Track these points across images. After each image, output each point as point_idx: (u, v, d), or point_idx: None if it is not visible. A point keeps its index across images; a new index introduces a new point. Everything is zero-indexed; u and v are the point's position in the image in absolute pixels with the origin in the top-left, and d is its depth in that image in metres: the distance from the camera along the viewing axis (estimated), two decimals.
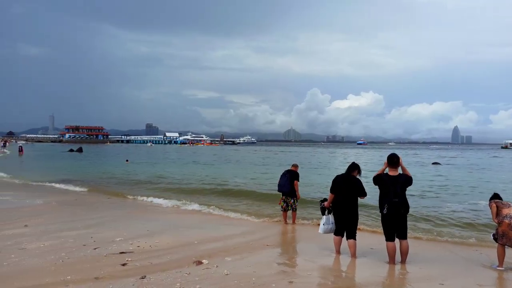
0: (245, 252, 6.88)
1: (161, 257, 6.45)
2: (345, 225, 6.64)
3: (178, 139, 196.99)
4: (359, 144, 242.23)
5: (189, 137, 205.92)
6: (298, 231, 9.24)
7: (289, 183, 9.58)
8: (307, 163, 38.31)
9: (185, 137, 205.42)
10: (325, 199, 7.03)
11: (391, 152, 6.42)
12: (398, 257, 6.32)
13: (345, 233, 6.70)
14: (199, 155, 61.15)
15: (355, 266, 6.34)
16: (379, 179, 6.21)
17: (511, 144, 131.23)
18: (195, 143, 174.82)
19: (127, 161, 38.13)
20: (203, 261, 6.19)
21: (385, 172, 6.30)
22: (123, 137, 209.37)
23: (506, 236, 6.04)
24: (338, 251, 6.80)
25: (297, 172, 9.86)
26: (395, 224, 6.13)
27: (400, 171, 6.28)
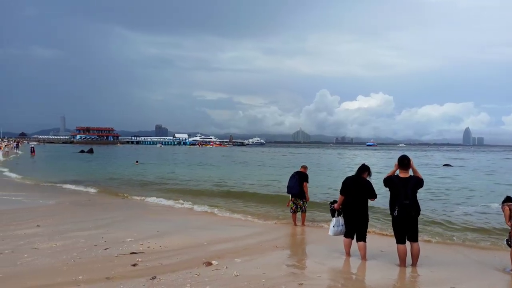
0: (254, 254, 6.89)
1: (171, 257, 6.49)
2: (355, 227, 6.61)
3: (187, 140, 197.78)
4: (368, 145, 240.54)
5: (198, 138, 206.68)
6: (307, 233, 9.21)
7: (298, 185, 9.56)
8: (316, 164, 38.17)
9: (194, 138, 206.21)
10: (335, 201, 7.00)
11: (401, 154, 6.39)
12: (409, 259, 6.26)
13: (355, 235, 6.67)
14: (208, 157, 61.35)
15: (365, 269, 6.30)
16: (390, 181, 6.18)
17: None
18: (204, 144, 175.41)
19: (136, 162, 38.38)
20: (213, 262, 6.20)
21: (395, 174, 6.27)
22: (133, 138, 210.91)
23: None
24: (348, 253, 6.77)
25: (306, 173, 9.83)
26: (406, 227, 6.09)
27: (411, 173, 6.24)
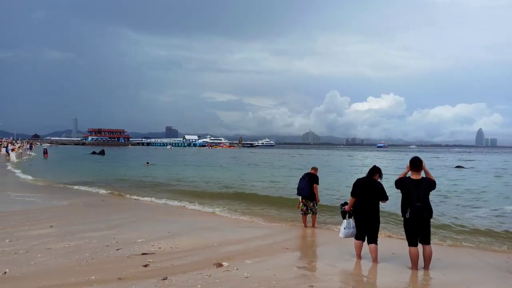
0: (265, 255, 6.88)
1: (182, 258, 6.52)
2: (366, 229, 6.56)
3: (197, 142, 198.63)
4: (379, 147, 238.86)
5: (208, 139, 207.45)
6: (317, 234, 9.17)
7: (308, 186, 9.52)
8: (326, 166, 38.00)
9: (204, 140, 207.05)
10: (346, 203, 6.96)
11: (412, 155, 6.33)
12: (421, 262, 6.19)
13: (366, 238, 6.63)
14: (217, 158, 61.51)
15: (376, 271, 6.24)
16: (402, 183, 6.12)
17: None
18: (214, 145, 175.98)
19: (147, 163, 38.69)
20: (223, 263, 6.22)
21: (407, 176, 6.22)
22: (143, 139, 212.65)
23: None
24: (359, 256, 6.72)
25: (317, 175, 9.80)
26: (418, 229, 6.02)
27: (423, 174, 6.18)
